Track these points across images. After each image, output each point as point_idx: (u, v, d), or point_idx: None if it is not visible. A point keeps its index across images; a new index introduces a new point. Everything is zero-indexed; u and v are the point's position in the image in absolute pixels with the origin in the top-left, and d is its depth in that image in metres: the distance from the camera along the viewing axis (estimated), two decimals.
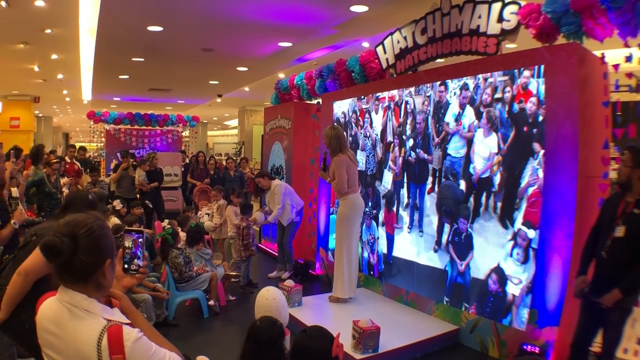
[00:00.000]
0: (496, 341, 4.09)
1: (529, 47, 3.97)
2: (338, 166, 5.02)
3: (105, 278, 1.48)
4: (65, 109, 20.83)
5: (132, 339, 1.38)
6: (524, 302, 3.89)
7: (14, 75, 12.01)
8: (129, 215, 6.63)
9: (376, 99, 5.82)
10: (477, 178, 4.40)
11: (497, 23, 4.23)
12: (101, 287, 1.48)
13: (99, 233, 1.45)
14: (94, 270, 1.44)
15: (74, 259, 1.39)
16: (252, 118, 19.26)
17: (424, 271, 4.99)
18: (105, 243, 1.47)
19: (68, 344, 1.40)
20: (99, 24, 6.99)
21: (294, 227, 6.77)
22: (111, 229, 1.57)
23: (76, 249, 1.40)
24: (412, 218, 5.24)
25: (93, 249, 1.43)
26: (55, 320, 1.44)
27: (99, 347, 1.35)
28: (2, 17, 6.80)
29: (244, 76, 11.41)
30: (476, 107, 4.43)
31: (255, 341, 2.38)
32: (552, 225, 3.68)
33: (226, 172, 10.27)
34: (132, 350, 1.37)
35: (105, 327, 1.38)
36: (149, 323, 1.64)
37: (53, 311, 1.45)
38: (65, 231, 1.41)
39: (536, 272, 3.76)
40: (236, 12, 6.40)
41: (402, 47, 5.44)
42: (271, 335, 2.38)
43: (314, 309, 5.01)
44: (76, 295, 1.43)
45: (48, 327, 1.45)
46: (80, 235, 1.41)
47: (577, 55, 3.58)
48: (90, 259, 1.42)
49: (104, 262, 1.46)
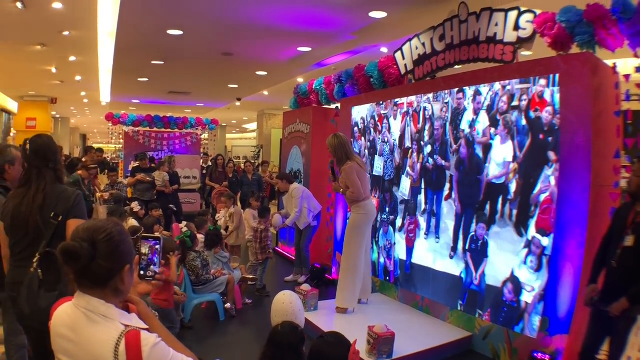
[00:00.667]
0: (508, 348, 4.23)
1: (544, 56, 4.12)
2: (349, 174, 5.05)
3: (124, 283, 1.52)
4: (83, 110, 21.27)
5: (150, 344, 1.41)
6: (536, 309, 4.03)
7: (31, 76, 12.35)
8: (147, 218, 6.87)
9: (395, 105, 5.99)
10: (489, 183, 4.56)
11: (514, 31, 4.39)
12: (119, 293, 1.52)
13: (118, 239, 1.49)
14: (112, 275, 1.48)
15: (92, 264, 1.43)
16: (271, 122, 19.60)
17: (439, 277, 5.14)
18: (124, 249, 1.51)
19: (84, 349, 1.43)
20: (119, 27, 7.25)
21: (311, 231, 6.98)
22: (128, 231, 1.63)
23: (95, 254, 1.44)
24: (429, 224, 5.39)
25: (112, 254, 1.47)
26: (71, 326, 1.46)
27: (117, 353, 1.38)
28: (19, 19, 7.04)
29: (263, 80, 11.69)
30: (492, 115, 4.58)
31: (276, 346, 2.47)
32: (565, 233, 3.82)
33: (244, 175, 10.54)
34: (150, 356, 1.40)
35: (123, 333, 1.41)
36: (165, 328, 1.68)
37: (69, 316, 1.48)
38: (85, 236, 1.45)
39: (549, 280, 3.91)
40: (256, 17, 6.64)
41: (421, 53, 5.61)
42: (292, 340, 2.48)
43: (329, 314, 5.17)
44: (93, 301, 1.46)
45: (63, 332, 1.48)
46: (99, 240, 1.45)
47: (591, 64, 3.74)
48: (109, 264, 1.46)
49: (122, 268, 1.50)
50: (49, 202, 2.72)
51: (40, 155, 2.81)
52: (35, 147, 2.83)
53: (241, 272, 6.06)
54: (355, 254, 5.16)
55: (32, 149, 2.82)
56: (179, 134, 14.98)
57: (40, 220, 2.68)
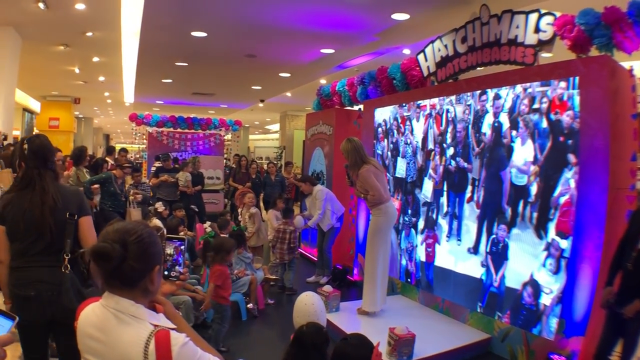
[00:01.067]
0: (525, 350, 4.35)
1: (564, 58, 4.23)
2: (366, 178, 5.09)
3: (153, 284, 1.57)
4: (107, 110, 21.70)
5: (180, 344, 1.45)
6: (553, 312, 4.15)
7: (54, 77, 12.64)
8: (170, 219, 7.12)
9: (417, 107, 6.13)
10: (511, 185, 4.68)
11: (534, 33, 4.50)
12: (148, 293, 1.58)
13: (148, 240, 1.54)
14: (142, 276, 1.53)
15: (123, 264, 1.48)
16: (293, 123, 19.88)
17: (460, 280, 5.27)
18: (154, 250, 1.57)
19: (113, 349, 1.47)
20: (142, 28, 7.48)
21: (333, 232, 7.16)
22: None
23: (126, 255, 1.49)
24: (450, 227, 5.53)
25: (143, 255, 1.52)
26: (99, 326, 1.51)
27: (146, 352, 1.42)
28: (42, 19, 7.29)
29: (286, 82, 11.91)
30: (514, 118, 4.70)
31: (300, 346, 2.57)
32: (583, 236, 3.93)
33: (267, 176, 10.71)
34: (179, 355, 1.44)
35: (153, 332, 1.45)
36: (191, 328, 1.73)
37: (97, 317, 1.53)
38: (116, 237, 1.50)
39: (567, 282, 4.02)
40: (279, 20, 6.84)
41: (443, 55, 5.74)
42: (316, 341, 2.57)
43: (351, 315, 5.31)
44: (123, 301, 1.51)
45: (91, 332, 1.52)
46: (130, 242, 1.50)
47: (609, 67, 3.85)
48: (139, 265, 1.51)
49: (152, 269, 1.56)
50: (60, 202, 2.79)
51: (39, 155, 2.84)
52: (34, 147, 2.86)
53: (264, 272, 6.24)
54: (377, 257, 5.25)
55: (30, 149, 2.85)
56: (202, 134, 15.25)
57: (52, 221, 2.74)
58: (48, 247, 2.78)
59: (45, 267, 2.77)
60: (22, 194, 2.78)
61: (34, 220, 2.72)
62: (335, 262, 7.24)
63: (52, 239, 2.76)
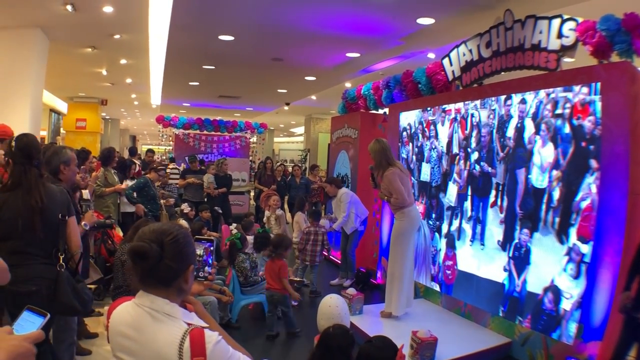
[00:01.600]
0: (545, 355, 4.47)
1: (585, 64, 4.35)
2: (391, 180, 5.22)
3: (187, 283, 1.67)
4: (133, 112, 22.07)
5: (213, 342, 1.54)
6: (573, 316, 4.26)
7: (81, 78, 12.91)
8: (197, 219, 7.39)
9: (442, 111, 6.28)
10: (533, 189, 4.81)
11: (557, 39, 4.62)
12: (182, 292, 1.67)
13: (184, 241, 1.65)
14: (177, 275, 1.63)
15: (160, 264, 1.58)
16: (318, 126, 20.12)
17: (482, 284, 5.41)
18: (188, 250, 1.67)
19: (148, 347, 1.55)
20: (170, 32, 7.69)
21: (357, 235, 7.33)
22: None
23: (163, 255, 1.58)
24: (474, 231, 5.67)
25: (178, 254, 1.62)
26: (133, 325, 1.60)
27: (181, 350, 1.50)
28: (70, 21, 7.49)
29: (312, 85, 12.10)
30: (537, 123, 4.83)
31: (327, 348, 2.69)
32: (603, 240, 4.05)
33: (292, 179, 10.90)
34: (213, 353, 1.53)
35: (187, 331, 1.53)
36: (220, 327, 1.82)
37: (131, 316, 1.61)
38: (153, 237, 1.60)
39: (586, 287, 4.14)
40: (306, 24, 7.03)
41: (468, 59, 5.87)
42: (343, 343, 2.69)
43: (374, 318, 5.47)
44: (158, 300, 1.60)
45: (125, 331, 1.61)
46: (166, 242, 1.60)
47: (629, 73, 3.97)
48: (175, 264, 1.61)
49: (187, 268, 1.65)
50: (50, 203, 2.97)
51: (25, 152, 2.97)
52: (21, 145, 3.00)
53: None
54: (400, 260, 5.38)
55: (17, 146, 3.00)
56: (228, 137, 15.58)
57: (39, 220, 2.91)
58: (41, 245, 2.96)
59: (42, 264, 2.96)
60: (15, 193, 2.93)
61: (27, 219, 2.89)
62: (358, 265, 7.41)
63: (44, 237, 2.95)
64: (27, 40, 8.18)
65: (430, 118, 6.51)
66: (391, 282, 5.44)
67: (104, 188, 6.74)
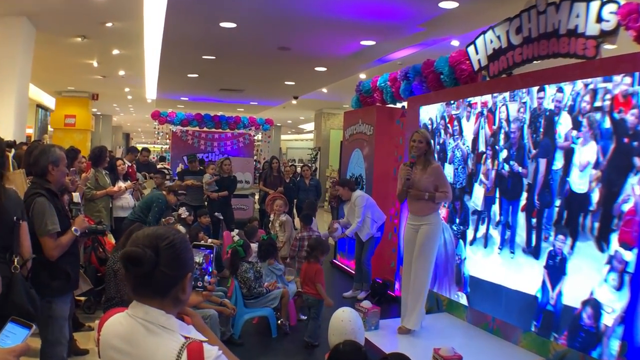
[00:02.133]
0: None
1: (627, 51, 4.28)
2: (442, 173, 5.44)
3: (185, 293, 1.65)
4: (127, 107, 22.22)
5: (213, 357, 1.53)
6: (615, 333, 4.18)
7: (70, 71, 12.93)
8: (196, 224, 7.36)
9: (468, 105, 6.22)
10: (571, 192, 4.75)
11: (596, 23, 4.55)
12: (179, 303, 1.66)
13: (180, 246, 1.62)
14: (174, 284, 1.61)
15: (155, 271, 1.56)
16: (330, 122, 20.07)
17: (512, 296, 5.34)
18: (186, 256, 1.65)
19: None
20: (167, 18, 7.64)
21: (373, 243, 7.29)
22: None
23: (158, 261, 1.56)
24: (503, 237, 5.60)
25: (175, 261, 1.60)
26: (126, 337, 1.59)
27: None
28: (58, 8, 7.48)
29: (322, 77, 12.06)
30: (574, 117, 4.77)
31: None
32: None
33: (301, 180, 10.88)
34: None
35: (185, 344, 1.53)
36: (220, 342, 1.79)
37: (124, 328, 1.61)
38: (147, 242, 1.58)
39: (630, 299, 4.06)
40: (316, 9, 6.98)
41: (496, 47, 5.79)
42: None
43: (392, 334, 5.43)
44: (153, 311, 1.58)
45: (117, 344, 1.60)
46: (162, 247, 1.58)
47: None
48: (172, 271, 1.59)
49: (184, 276, 1.64)
50: (7, 203, 3.12)
51: None
52: None
53: (296, 285, 6.33)
54: (428, 270, 5.38)
55: None
56: (230, 134, 15.53)
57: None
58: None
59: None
60: None
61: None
62: (374, 276, 7.36)
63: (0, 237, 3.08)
64: (12, 30, 8.14)
65: (453, 112, 6.46)
66: (417, 294, 5.40)
67: (95, 191, 6.72)
